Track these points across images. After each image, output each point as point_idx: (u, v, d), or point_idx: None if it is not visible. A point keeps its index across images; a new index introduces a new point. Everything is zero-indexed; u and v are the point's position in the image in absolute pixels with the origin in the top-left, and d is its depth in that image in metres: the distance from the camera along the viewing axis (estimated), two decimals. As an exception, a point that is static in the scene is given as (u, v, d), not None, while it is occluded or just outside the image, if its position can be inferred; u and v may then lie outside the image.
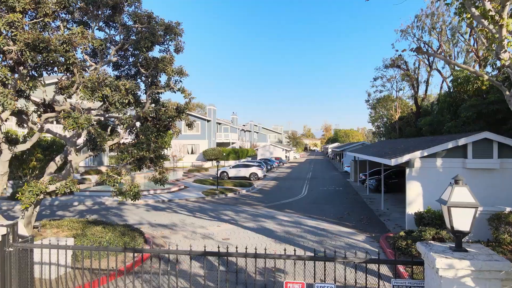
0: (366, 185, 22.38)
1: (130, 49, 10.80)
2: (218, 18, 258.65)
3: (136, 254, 9.16)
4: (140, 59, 9.03)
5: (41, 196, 9.80)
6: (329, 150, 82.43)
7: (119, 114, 8.12)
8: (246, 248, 4.61)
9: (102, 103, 8.93)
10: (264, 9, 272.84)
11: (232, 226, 13.24)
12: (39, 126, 8.54)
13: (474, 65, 25.65)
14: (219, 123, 55.50)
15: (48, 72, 7.99)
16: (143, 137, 9.93)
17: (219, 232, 12.33)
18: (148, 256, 9.45)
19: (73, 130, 6.94)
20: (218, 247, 4.86)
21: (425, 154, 11.31)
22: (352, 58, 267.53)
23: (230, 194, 21.82)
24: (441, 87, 30.60)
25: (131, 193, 8.50)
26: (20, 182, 20.70)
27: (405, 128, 32.93)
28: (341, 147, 50.94)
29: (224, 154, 46.61)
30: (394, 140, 27.81)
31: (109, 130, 11.31)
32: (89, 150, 10.45)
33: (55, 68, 8.18)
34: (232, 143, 56.54)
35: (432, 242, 4.23)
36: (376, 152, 17.79)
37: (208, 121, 49.26)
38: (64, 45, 6.79)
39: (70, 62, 7.02)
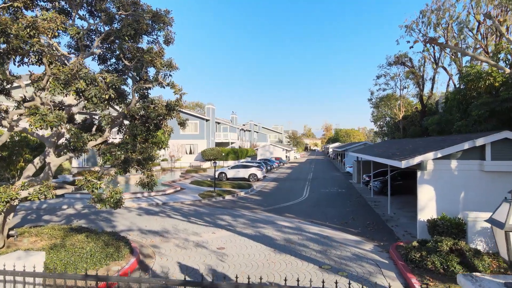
0: (370, 187, 21.40)
1: (117, 41, 9.86)
2: (216, 18, 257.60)
3: (119, 267, 8.22)
4: (123, 49, 8.03)
5: (16, 203, 8.85)
6: (330, 150, 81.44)
7: (97, 111, 7.17)
8: (236, 278, 3.63)
9: (81, 99, 7.95)
10: (263, 8, 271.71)
11: (228, 233, 12.27)
12: (8, 125, 7.57)
13: (481, 62, 24.65)
14: (218, 123, 54.52)
15: (17, 64, 7.02)
16: (127, 137, 8.98)
17: (214, 239, 11.37)
18: (132, 269, 8.50)
19: (40, 128, 5.99)
20: (202, 276, 3.89)
21: (439, 155, 10.34)
22: (352, 57, 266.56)
23: (227, 197, 20.86)
24: (448, 85, 29.59)
25: (112, 200, 7.53)
26: (8, 184, 19.75)
27: (410, 127, 31.85)
28: (342, 147, 49.93)
29: (223, 154, 45.64)
30: (399, 140, 26.81)
31: (94, 129, 10.36)
32: (69, 151, 9.50)
33: (26, 60, 7.19)
34: (232, 143, 55.55)
35: (478, 275, 3.24)
36: (382, 152, 16.82)
37: (207, 120, 48.27)
38: (28, 30, 5.84)
39: (35, 49, 6.06)
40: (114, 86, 7.69)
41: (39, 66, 7.47)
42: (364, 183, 25.08)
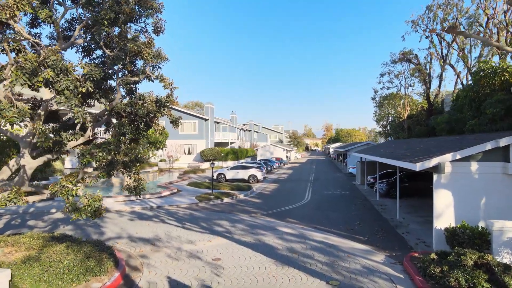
0: (376, 189, 20.39)
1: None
2: (217, 18, 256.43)
3: None
4: (100, 35, 7.03)
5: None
6: (331, 150, 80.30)
7: (68, 107, 6.19)
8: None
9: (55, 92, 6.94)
10: (263, 8, 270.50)
11: (225, 241, 11.28)
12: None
13: (491, 58, 23.72)
14: (218, 122, 53.50)
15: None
16: (110, 137, 7.99)
17: (210, 249, 10.38)
18: (114, 286, 7.51)
19: (-2, 126, 5.03)
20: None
21: (458, 157, 9.34)
22: (353, 57, 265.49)
23: (226, 199, 19.86)
24: (456, 83, 28.53)
25: (89, 209, 6.54)
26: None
27: (415, 127, 30.78)
28: (344, 147, 48.91)
29: (223, 154, 44.65)
30: (405, 140, 25.81)
31: (78, 128, 9.39)
32: (46, 152, 8.52)
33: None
34: (231, 143, 54.55)
35: None
36: (389, 153, 15.82)
37: (206, 120, 47.26)
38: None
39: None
40: (92, 78, 6.69)
41: (6, 54, 6.49)
42: (369, 185, 24.07)
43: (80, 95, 6.36)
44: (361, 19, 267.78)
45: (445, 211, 9.62)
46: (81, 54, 9.85)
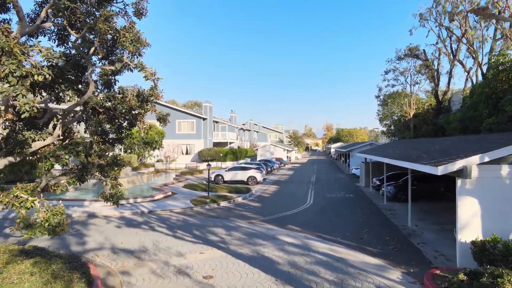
0: (383, 193, 19.13)
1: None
2: (216, 17, 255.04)
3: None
4: (60, 10, 5.80)
5: None
6: (332, 150, 78.89)
7: (14, 98, 4.94)
8: None
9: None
10: (262, 8, 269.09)
11: (220, 253, 10.05)
12: None
13: (504, 51, 22.45)
14: (216, 122, 52.22)
15: None
16: (78, 137, 6.77)
17: (201, 263, 9.15)
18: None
19: None
20: None
21: (486, 159, 8.10)
22: (353, 57, 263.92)
23: (223, 203, 18.62)
24: (466, 80, 27.29)
25: (46, 224, 5.31)
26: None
27: (421, 126, 29.50)
28: (346, 147, 47.62)
29: (221, 154, 43.39)
30: (412, 140, 24.56)
31: (51, 126, 8.17)
32: (7, 154, 7.28)
33: None
34: (230, 142, 53.28)
35: None
36: (400, 154, 14.57)
37: (204, 119, 45.99)
38: None
39: None
40: (52, 64, 5.45)
41: None
42: (375, 187, 22.81)
43: (30, 84, 5.13)
44: (361, 18, 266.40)
45: (470, 222, 8.38)
46: (54, 42, 8.65)
